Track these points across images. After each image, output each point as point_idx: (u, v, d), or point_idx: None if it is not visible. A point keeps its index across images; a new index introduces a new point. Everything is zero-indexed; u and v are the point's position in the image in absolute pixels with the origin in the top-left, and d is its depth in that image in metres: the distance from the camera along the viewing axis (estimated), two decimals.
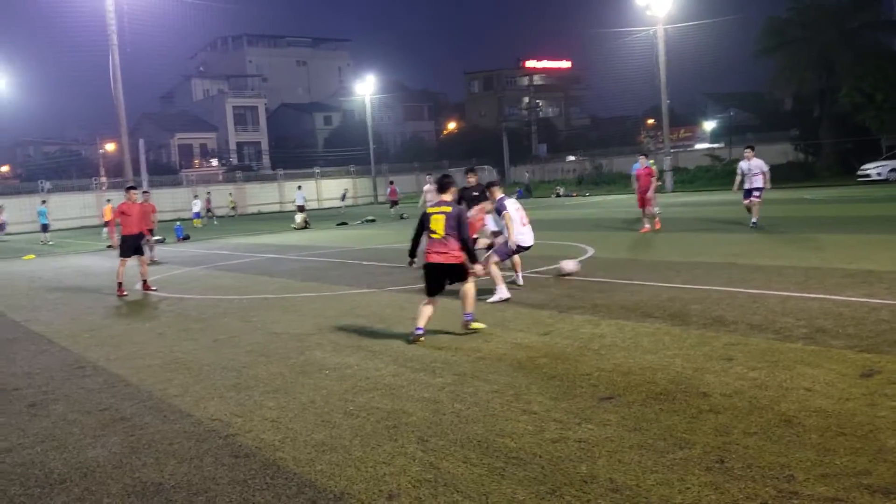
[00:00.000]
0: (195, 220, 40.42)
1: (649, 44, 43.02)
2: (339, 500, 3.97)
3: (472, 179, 12.57)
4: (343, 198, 51.47)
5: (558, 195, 48.85)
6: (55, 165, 69.66)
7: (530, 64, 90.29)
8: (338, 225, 32.88)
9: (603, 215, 27.28)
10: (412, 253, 8.29)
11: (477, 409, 5.34)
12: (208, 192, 49.41)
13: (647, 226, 18.49)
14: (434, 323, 8.54)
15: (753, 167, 17.59)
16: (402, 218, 33.75)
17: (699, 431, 4.54)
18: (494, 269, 9.96)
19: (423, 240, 8.00)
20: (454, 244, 7.74)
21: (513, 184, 60.72)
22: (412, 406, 5.52)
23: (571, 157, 66.92)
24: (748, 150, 18.20)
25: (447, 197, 8.01)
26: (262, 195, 59.98)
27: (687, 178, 47.07)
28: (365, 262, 16.07)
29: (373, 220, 33.87)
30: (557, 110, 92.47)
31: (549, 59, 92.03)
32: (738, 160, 55.24)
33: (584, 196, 45.48)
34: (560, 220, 26.40)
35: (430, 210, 7.95)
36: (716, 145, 58.16)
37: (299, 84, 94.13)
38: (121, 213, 13.33)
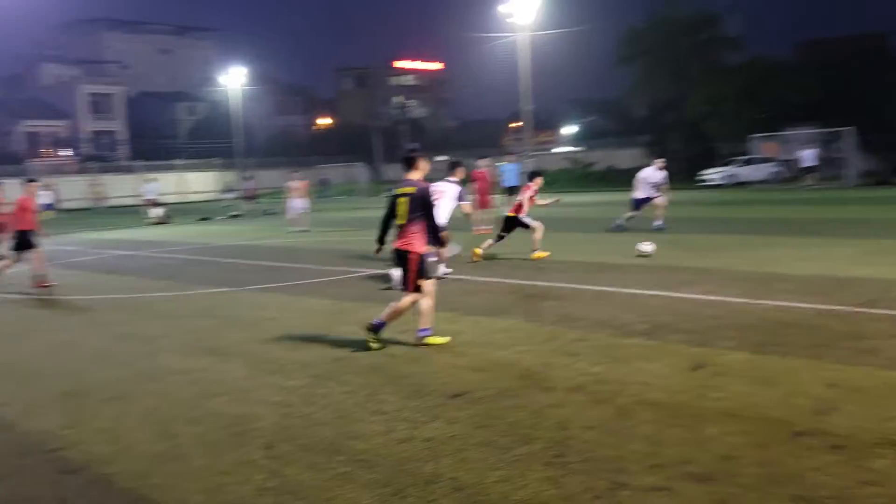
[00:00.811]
0: (45, 213, 37.50)
1: (514, 50, 44.17)
2: None
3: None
4: (228, 191, 48.42)
5: None
6: None
7: (402, 64, 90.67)
8: (200, 220, 31.66)
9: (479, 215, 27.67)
10: (380, 240, 7.42)
11: (328, 412, 5.27)
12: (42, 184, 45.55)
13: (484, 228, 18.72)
14: (294, 322, 8.38)
15: (656, 178, 17.26)
16: (234, 217, 32.65)
17: (542, 427, 4.68)
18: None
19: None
20: (416, 228, 6.86)
21: (385, 181, 60.69)
22: (262, 410, 5.37)
23: (441, 158, 67.67)
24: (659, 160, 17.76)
25: (415, 175, 7.05)
26: (120, 187, 56.79)
27: (548, 181, 48.67)
28: (225, 260, 15.57)
29: (238, 216, 32.86)
30: (428, 111, 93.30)
31: (420, 60, 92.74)
32: (594, 164, 57.47)
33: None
34: None
35: (397, 191, 7.07)
36: (575, 149, 60.56)
37: (163, 73, 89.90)
38: None
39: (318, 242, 18.71)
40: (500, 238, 13.03)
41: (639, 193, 17.14)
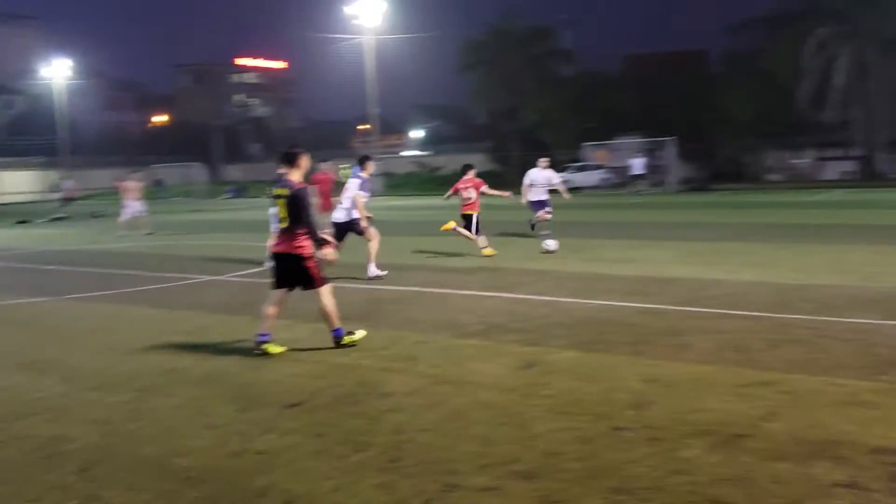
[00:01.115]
0: None
1: (361, 52, 44.16)
2: None
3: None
4: (54, 191, 44.15)
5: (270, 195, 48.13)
6: None
7: (244, 61, 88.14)
8: (17, 223, 29.21)
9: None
10: None
11: (154, 428, 5.01)
12: None
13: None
14: (122, 333, 7.93)
15: (541, 178, 15.71)
16: (58, 219, 30.60)
17: (378, 433, 4.69)
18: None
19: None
20: (299, 231, 6.61)
21: (225, 182, 58.69)
22: (78, 430, 5.01)
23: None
24: (543, 160, 16.25)
25: (295, 175, 6.73)
26: None
27: (395, 183, 49.08)
28: (45, 266, 14.44)
29: (62, 218, 30.61)
30: (272, 110, 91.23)
31: (264, 59, 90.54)
32: (441, 168, 58.58)
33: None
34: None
35: (275, 191, 6.76)
36: (422, 153, 61.43)
37: None
38: None
39: (150, 247, 17.78)
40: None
41: (532, 196, 15.72)
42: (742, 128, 40.82)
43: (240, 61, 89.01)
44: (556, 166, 42.36)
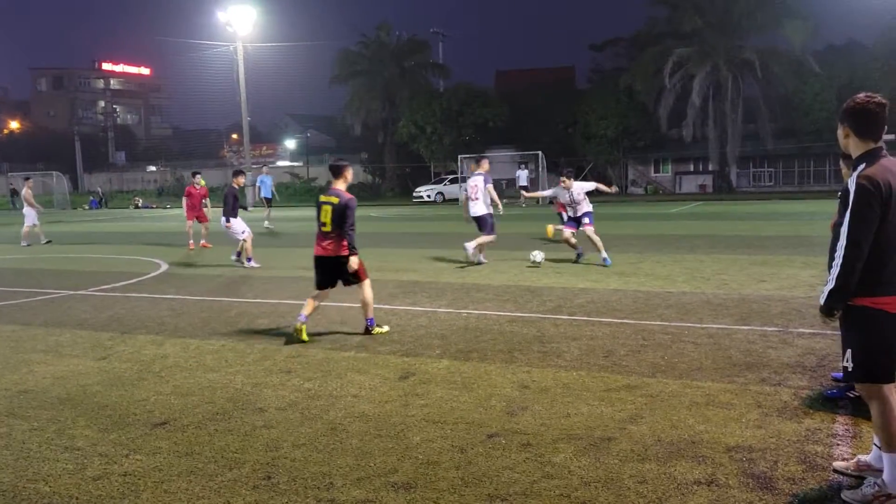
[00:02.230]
0: None
1: (232, 59, 43.08)
2: None
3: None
4: None
5: (137, 206, 46.04)
6: None
7: (107, 67, 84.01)
8: None
9: (183, 229, 26.36)
10: None
11: (8, 453, 4.68)
12: None
13: (199, 242, 18.39)
14: None
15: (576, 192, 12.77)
16: None
17: (251, 449, 4.59)
18: None
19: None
20: (340, 236, 7.37)
21: (88, 193, 55.55)
22: None
23: (152, 168, 63.66)
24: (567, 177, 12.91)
25: (340, 185, 7.58)
26: None
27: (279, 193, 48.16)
28: None
29: None
30: (137, 118, 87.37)
31: (127, 64, 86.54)
32: (316, 178, 57.85)
33: (166, 208, 43.51)
34: (137, 232, 24.87)
35: (322, 198, 7.57)
36: (295, 164, 60.52)
37: None
38: None
39: (4, 260, 16.58)
40: None
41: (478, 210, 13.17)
42: (607, 142, 42.84)
43: (102, 66, 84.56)
44: (432, 178, 43.10)
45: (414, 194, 41.45)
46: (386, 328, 7.81)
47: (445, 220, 26.54)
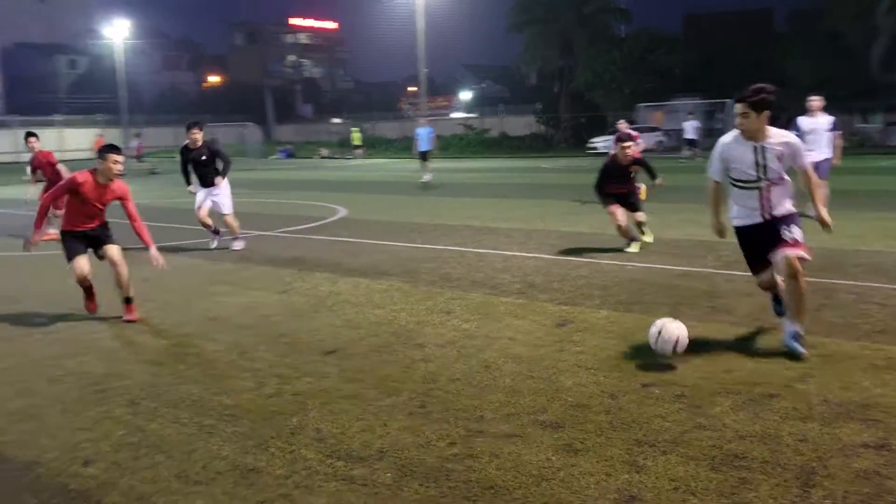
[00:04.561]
0: None
1: (410, 11, 43.88)
2: (31, 469, 3.72)
3: (197, 136, 10.48)
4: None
5: (324, 156, 48.54)
6: None
7: (296, 21, 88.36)
8: None
9: (363, 178, 27.63)
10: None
11: (198, 370, 5.23)
12: None
13: None
14: (169, 282, 8.22)
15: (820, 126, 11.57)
16: (153, 173, 31.64)
17: (409, 380, 4.83)
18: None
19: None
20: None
21: (277, 143, 59.30)
22: (129, 369, 5.27)
23: (336, 120, 66.69)
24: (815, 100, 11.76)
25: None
26: None
27: (442, 146, 48.99)
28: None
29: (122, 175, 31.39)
30: (323, 71, 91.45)
31: (315, 18, 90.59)
32: (489, 130, 57.99)
33: (346, 159, 45.61)
34: (320, 180, 26.32)
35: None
36: (470, 115, 60.94)
37: (39, 22, 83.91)
38: None
39: None
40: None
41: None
42: (806, 90, 39.48)
43: (292, 21, 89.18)
44: (607, 127, 41.89)
45: (588, 145, 40.49)
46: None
47: None
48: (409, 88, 71.82)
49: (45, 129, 50.70)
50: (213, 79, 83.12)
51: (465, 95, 68.38)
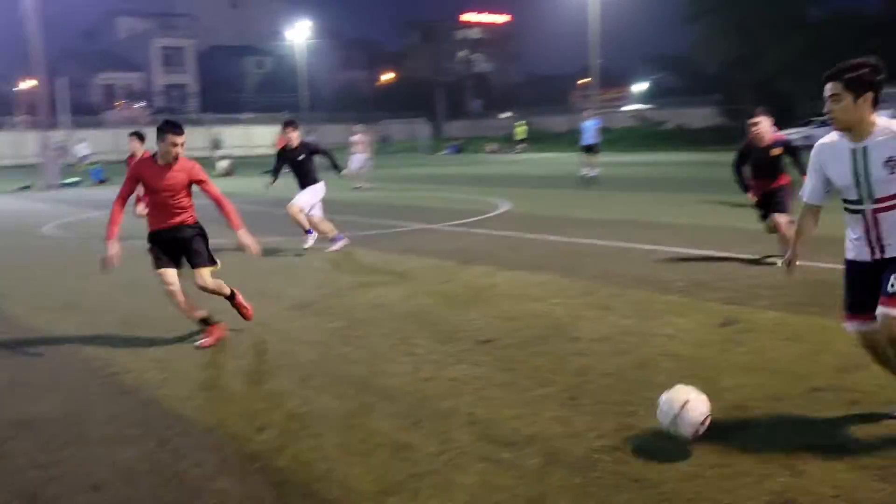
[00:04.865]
0: (80, 165, 33.87)
1: (584, 1, 43.21)
2: (212, 432, 4.13)
3: (293, 135, 10.18)
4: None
5: (493, 151, 49.05)
6: None
7: (469, 17, 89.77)
8: (263, 173, 32.32)
9: (529, 172, 27.70)
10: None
11: (362, 352, 5.54)
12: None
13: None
14: (340, 271, 8.70)
15: None
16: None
17: (562, 372, 4.85)
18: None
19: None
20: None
21: (446, 139, 60.68)
22: (301, 348, 5.69)
23: (505, 114, 67.08)
24: None
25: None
26: (190, 140, 58.07)
27: (613, 138, 47.87)
28: (278, 211, 15.98)
29: None
30: (494, 65, 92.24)
31: (487, 13, 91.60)
32: (664, 122, 55.74)
33: (516, 153, 45.83)
34: (485, 175, 26.69)
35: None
36: (645, 106, 59.08)
37: (232, 26, 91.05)
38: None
39: (374, 198, 19.04)
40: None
41: None
42: None
43: (465, 17, 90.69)
44: (796, 120, 39.16)
45: None
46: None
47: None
48: (581, 81, 70.71)
49: (233, 127, 55.10)
50: (387, 76, 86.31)
51: (640, 87, 66.36)
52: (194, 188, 5.82)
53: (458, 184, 22.81)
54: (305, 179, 10.18)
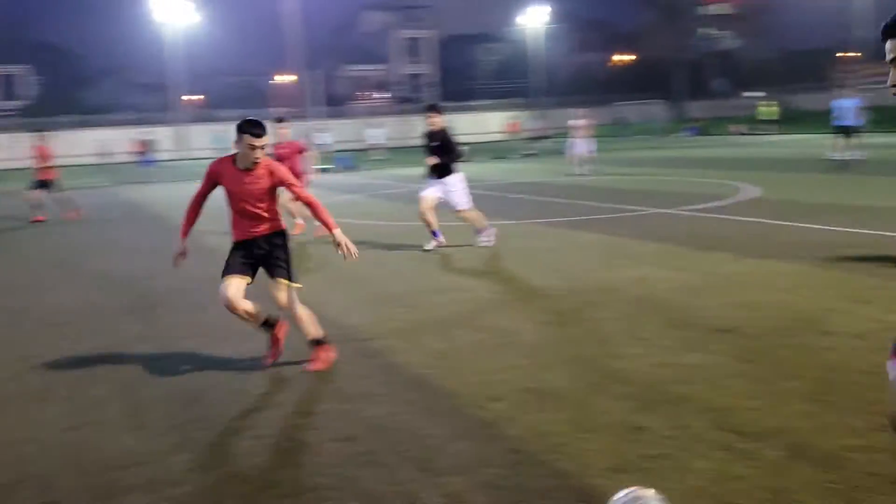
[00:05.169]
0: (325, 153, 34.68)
1: None
2: (451, 398, 4.39)
3: (435, 120, 9.60)
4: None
5: (742, 133, 46.09)
6: (240, 95, 74.04)
7: None
8: (494, 158, 33.19)
9: (779, 155, 25.79)
10: None
11: (591, 334, 5.56)
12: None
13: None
14: (567, 254, 8.75)
15: None
16: (528, 156, 33.16)
17: (810, 366, 4.53)
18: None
19: None
20: None
21: (685, 120, 58.08)
22: (529, 326, 5.83)
23: (750, 94, 62.70)
24: None
25: None
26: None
27: (885, 118, 42.72)
28: (512, 196, 16.34)
29: (532, 155, 33.88)
30: (742, 42, 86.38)
31: None
32: None
33: (766, 134, 42.74)
34: (729, 158, 25.24)
35: None
36: None
37: (468, 15, 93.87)
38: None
39: (602, 181, 18.80)
40: None
41: None
42: None
43: None
44: None
45: None
46: None
47: None
48: (841, 54, 64.05)
49: (465, 114, 56.71)
50: (622, 57, 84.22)
51: None
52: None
53: (697, 167, 21.78)
54: (437, 167, 9.57)
